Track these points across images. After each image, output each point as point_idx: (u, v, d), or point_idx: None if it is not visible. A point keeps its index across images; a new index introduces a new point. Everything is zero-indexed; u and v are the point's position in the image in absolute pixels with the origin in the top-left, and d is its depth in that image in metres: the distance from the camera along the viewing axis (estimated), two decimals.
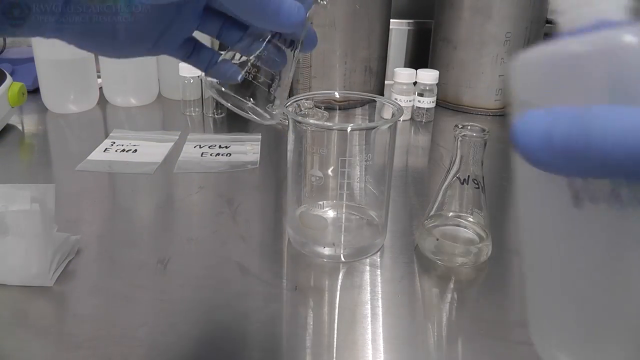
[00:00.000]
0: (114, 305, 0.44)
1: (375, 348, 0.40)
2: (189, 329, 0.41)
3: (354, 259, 0.50)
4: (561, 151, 0.19)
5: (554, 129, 0.19)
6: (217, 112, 0.90)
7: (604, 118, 0.18)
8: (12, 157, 0.75)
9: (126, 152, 0.74)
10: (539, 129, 0.20)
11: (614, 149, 0.18)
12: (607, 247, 0.22)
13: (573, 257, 0.24)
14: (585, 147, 0.19)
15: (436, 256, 0.50)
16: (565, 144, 0.19)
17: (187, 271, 0.49)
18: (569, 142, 0.19)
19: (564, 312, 0.25)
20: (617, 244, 0.22)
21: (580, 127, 0.19)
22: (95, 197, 0.64)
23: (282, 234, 0.55)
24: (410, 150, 0.81)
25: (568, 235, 0.23)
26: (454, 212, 0.51)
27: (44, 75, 0.88)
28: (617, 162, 0.18)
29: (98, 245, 0.52)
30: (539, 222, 0.25)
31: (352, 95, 0.58)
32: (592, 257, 0.23)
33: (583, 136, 0.19)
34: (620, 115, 0.18)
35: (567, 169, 0.20)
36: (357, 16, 0.90)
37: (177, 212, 0.61)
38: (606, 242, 0.22)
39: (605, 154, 0.18)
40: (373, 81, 0.97)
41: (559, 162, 0.19)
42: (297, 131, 0.50)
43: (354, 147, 0.48)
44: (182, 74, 0.88)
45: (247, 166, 0.71)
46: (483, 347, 0.40)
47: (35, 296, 0.44)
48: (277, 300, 0.45)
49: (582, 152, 0.19)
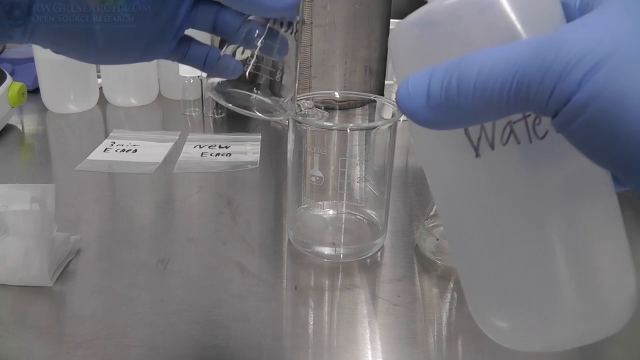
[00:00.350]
0: (114, 305, 0.44)
1: (375, 348, 0.40)
2: (189, 329, 0.41)
3: (354, 259, 0.50)
4: (441, 103, 0.20)
5: (430, 84, 0.20)
6: (217, 112, 0.90)
7: (475, 60, 0.19)
8: (12, 157, 0.75)
9: (126, 152, 0.74)
10: (418, 89, 0.20)
11: (487, 85, 0.18)
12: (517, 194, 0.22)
13: (486, 213, 0.23)
14: (461, 92, 0.19)
15: (436, 256, 0.50)
16: (442, 95, 0.19)
17: (187, 271, 0.49)
18: (446, 92, 0.19)
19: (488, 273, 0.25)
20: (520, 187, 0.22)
21: (453, 74, 0.19)
22: (95, 197, 0.64)
23: (282, 234, 0.55)
24: (410, 150, 0.81)
25: (474, 190, 0.23)
26: None
27: (44, 75, 0.88)
28: (494, 98, 0.18)
29: (98, 245, 0.52)
30: (447, 186, 0.25)
31: (352, 95, 0.58)
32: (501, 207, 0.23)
33: (457, 82, 0.19)
34: (490, 53, 0.19)
35: (452, 119, 0.20)
36: (357, 16, 0.90)
37: (177, 212, 0.61)
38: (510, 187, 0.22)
39: (481, 93, 0.18)
40: (373, 81, 0.97)
41: (442, 115, 0.20)
42: (297, 131, 0.50)
43: (354, 147, 0.48)
44: (182, 74, 0.88)
45: (247, 166, 0.71)
46: (483, 347, 0.40)
47: (35, 296, 0.44)
48: (277, 300, 0.45)
49: (459, 98, 0.19)
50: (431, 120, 0.20)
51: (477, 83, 0.18)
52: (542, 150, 0.21)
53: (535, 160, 0.21)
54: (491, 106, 0.19)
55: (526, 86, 0.18)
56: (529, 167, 0.22)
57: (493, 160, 0.22)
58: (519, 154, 0.21)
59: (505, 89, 0.18)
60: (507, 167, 0.22)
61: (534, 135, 0.21)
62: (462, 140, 0.22)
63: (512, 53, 0.18)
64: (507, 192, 0.23)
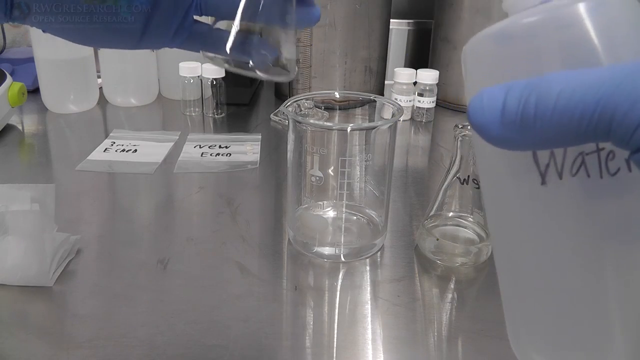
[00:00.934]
0: (114, 305, 0.44)
1: (375, 348, 0.40)
2: (189, 329, 0.41)
3: (354, 259, 0.50)
4: (516, 122, 0.19)
5: (507, 100, 0.19)
6: (217, 112, 0.90)
7: (556, 81, 0.18)
8: (12, 157, 0.75)
9: (126, 152, 0.74)
10: (493, 104, 0.19)
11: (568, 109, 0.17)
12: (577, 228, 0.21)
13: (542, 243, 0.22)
14: (538, 113, 0.18)
15: (436, 256, 0.50)
16: (518, 112, 0.18)
17: (187, 271, 0.49)
18: (523, 110, 0.18)
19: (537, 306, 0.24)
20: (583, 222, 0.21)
21: (532, 93, 0.18)
22: (95, 197, 0.64)
23: (282, 234, 0.55)
24: (410, 150, 0.81)
25: (534, 218, 0.23)
26: (454, 212, 0.51)
27: (44, 75, 0.88)
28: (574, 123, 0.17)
29: (98, 245, 0.52)
30: (505, 209, 0.24)
31: (352, 95, 0.58)
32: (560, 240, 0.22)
33: (535, 102, 0.18)
34: (571, 76, 0.18)
35: (525, 140, 0.19)
36: (357, 16, 0.90)
37: (177, 212, 0.61)
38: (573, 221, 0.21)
39: (560, 116, 0.18)
40: (373, 81, 0.97)
41: (515, 134, 0.19)
42: (297, 131, 0.50)
43: (354, 147, 0.48)
44: (182, 74, 0.88)
45: (247, 166, 0.71)
46: (483, 347, 0.40)
47: (35, 296, 0.44)
48: (277, 300, 0.45)
49: (536, 118, 0.18)
50: (502, 139, 0.19)
51: (557, 105, 0.18)
52: (611, 188, 0.20)
53: (602, 196, 0.20)
54: (568, 132, 0.18)
55: (610, 114, 0.17)
56: (595, 202, 0.21)
57: (559, 190, 0.21)
58: (587, 187, 0.20)
59: (587, 115, 0.17)
60: (573, 200, 0.21)
61: (605, 171, 0.20)
62: (529, 165, 0.21)
63: (596, 77, 0.17)
64: (569, 225, 0.22)
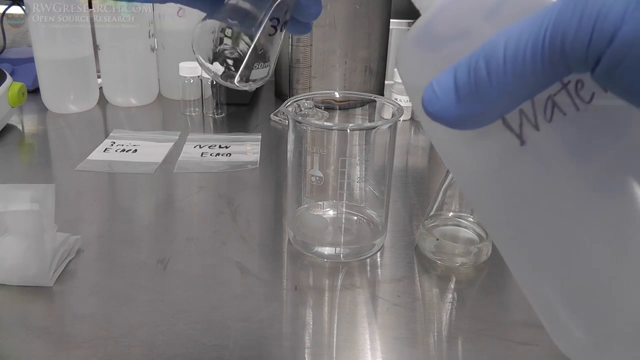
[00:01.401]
0: (114, 305, 0.44)
1: (375, 348, 0.40)
2: (189, 329, 0.41)
3: (354, 259, 0.50)
4: (472, 91, 0.18)
5: (457, 76, 0.18)
6: (217, 112, 0.90)
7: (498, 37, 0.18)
8: (12, 157, 0.75)
9: (126, 152, 0.74)
10: (445, 85, 0.19)
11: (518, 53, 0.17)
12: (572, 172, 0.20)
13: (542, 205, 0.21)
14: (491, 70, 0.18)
15: (436, 256, 0.50)
16: (472, 80, 0.18)
17: (187, 271, 0.49)
18: (475, 75, 0.18)
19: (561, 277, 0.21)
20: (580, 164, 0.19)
21: (479, 58, 0.18)
22: (95, 197, 0.64)
23: (282, 234, 0.55)
24: (410, 150, 0.81)
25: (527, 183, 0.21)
26: (454, 212, 0.51)
27: (44, 75, 0.88)
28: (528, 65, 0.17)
29: (98, 245, 0.52)
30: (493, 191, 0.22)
31: (352, 95, 0.58)
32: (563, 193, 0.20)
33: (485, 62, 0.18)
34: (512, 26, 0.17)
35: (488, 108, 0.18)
36: (357, 16, 0.90)
37: (177, 212, 0.61)
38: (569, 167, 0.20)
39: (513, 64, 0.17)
40: (373, 81, 0.97)
41: (476, 105, 0.18)
42: (297, 131, 0.50)
43: (354, 147, 0.48)
44: (182, 74, 0.88)
45: (247, 166, 0.71)
46: (483, 347, 0.40)
47: (35, 296, 0.44)
48: (277, 300, 0.45)
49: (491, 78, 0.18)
50: (465, 116, 0.18)
51: (506, 55, 0.17)
52: (593, 115, 0.19)
53: (589, 128, 0.19)
54: (526, 75, 0.17)
55: (561, 37, 0.16)
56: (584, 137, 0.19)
57: (541, 141, 0.20)
58: (568, 126, 0.19)
59: (538, 48, 0.17)
60: (560, 145, 0.19)
61: (580, 101, 0.19)
62: (501, 133, 0.20)
63: (536, 16, 0.17)
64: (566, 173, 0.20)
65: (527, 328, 0.42)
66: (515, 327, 0.42)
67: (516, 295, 0.47)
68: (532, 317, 0.43)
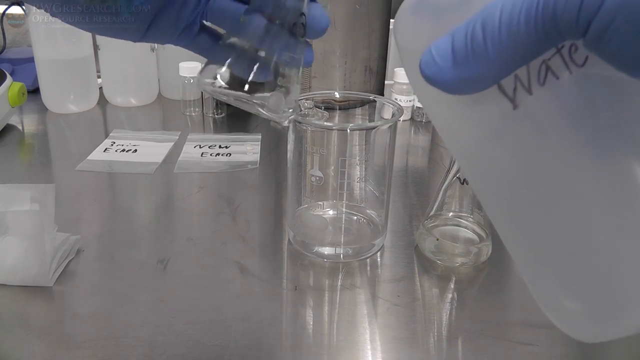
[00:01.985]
0: (114, 305, 0.44)
1: (375, 348, 0.40)
2: (189, 329, 0.41)
3: (354, 259, 0.50)
4: (469, 55, 0.18)
5: (454, 40, 0.19)
6: (217, 112, 0.90)
7: (494, 3, 0.18)
8: (12, 157, 0.75)
9: (126, 152, 0.74)
10: (443, 49, 0.19)
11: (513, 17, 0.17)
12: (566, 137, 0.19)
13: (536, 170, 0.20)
14: (487, 34, 0.18)
15: (436, 256, 0.50)
16: (468, 44, 0.18)
17: (187, 271, 0.49)
18: (472, 39, 0.18)
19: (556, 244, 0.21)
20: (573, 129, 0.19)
21: (476, 23, 0.18)
22: (95, 197, 0.64)
23: (282, 234, 0.55)
24: (410, 150, 0.81)
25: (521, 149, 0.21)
26: (454, 212, 0.51)
27: (44, 75, 0.88)
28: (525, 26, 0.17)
29: (98, 245, 0.52)
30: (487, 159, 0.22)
31: (352, 95, 0.58)
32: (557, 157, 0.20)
33: (481, 26, 0.18)
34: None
35: (484, 71, 0.19)
36: (357, 16, 0.90)
37: (177, 212, 0.61)
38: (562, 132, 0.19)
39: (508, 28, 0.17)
40: (373, 81, 0.97)
41: (472, 69, 0.19)
42: (297, 131, 0.50)
43: (354, 147, 0.48)
44: (182, 74, 0.88)
45: (247, 166, 0.71)
46: (483, 347, 0.40)
47: (35, 296, 0.44)
48: (277, 300, 0.45)
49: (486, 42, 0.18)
50: (461, 80, 0.19)
51: (502, 18, 0.17)
52: (586, 79, 0.19)
53: (582, 91, 0.19)
54: (520, 40, 0.17)
55: (553, 3, 0.17)
56: (576, 101, 0.19)
57: (534, 105, 0.19)
58: (561, 89, 0.19)
59: (532, 14, 0.17)
60: (552, 109, 0.19)
61: (573, 65, 0.19)
62: (496, 99, 0.20)
63: None
64: (559, 137, 0.19)
65: (527, 328, 0.42)
66: (515, 327, 0.42)
67: (516, 295, 0.47)
68: (532, 317, 0.44)
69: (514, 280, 0.49)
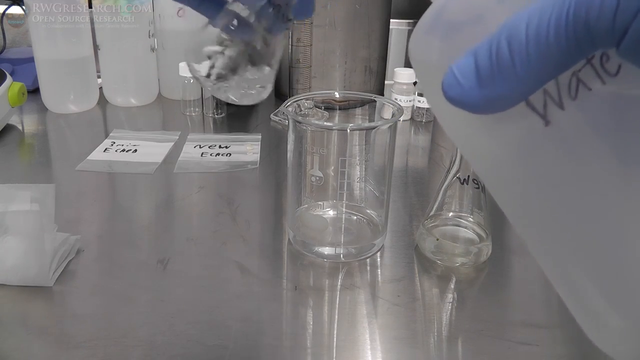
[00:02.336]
0: (114, 305, 0.44)
1: (375, 348, 0.40)
2: (189, 329, 0.41)
3: (354, 259, 0.50)
4: (494, 72, 0.18)
5: (477, 59, 0.18)
6: (217, 112, 0.90)
7: (518, 16, 0.17)
8: (12, 157, 0.75)
9: (126, 152, 0.74)
10: (465, 69, 0.18)
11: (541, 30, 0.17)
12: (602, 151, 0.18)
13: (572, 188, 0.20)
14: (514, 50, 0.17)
15: (436, 256, 0.50)
16: (494, 61, 0.18)
17: (187, 271, 0.49)
18: (497, 56, 0.18)
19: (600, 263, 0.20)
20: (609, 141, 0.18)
21: (500, 38, 0.18)
22: (95, 197, 0.64)
23: (282, 234, 0.55)
24: (410, 150, 0.81)
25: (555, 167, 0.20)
26: (454, 212, 0.51)
27: (44, 75, 0.88)
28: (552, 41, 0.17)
29: (98, 245, 0.52)
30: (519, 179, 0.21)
31: (352, 95, 0.58)
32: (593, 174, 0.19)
33: (507, 42, 0.17)
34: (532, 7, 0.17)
35: (512, 88, 0.18)
36: (357, 16, 0.90)
37: (177, 212, 0.61)
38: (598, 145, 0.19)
39: (536, 41, 0.17)
40: (373, 81, 0.97)
41: (499, 87, 0.18)
42: (297, 131, 0.50)
43: (354, 147, 0.48)
44: (182, 74, 0.88)
45: (247, 166, 0.71)
46: (483, 347, 0.40)
47: (35, 296, 0.44)
48: (277, 300, 0.45)
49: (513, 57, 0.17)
50: (487, 99, 0.18)
51: (529, 33, 0.17)
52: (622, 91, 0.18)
53: (617, 102, 0.18)
54: (550, 53, 0.17)
55: (585, 10, 0.16)
56: (612, 113, 0.18)
57: (566, 120, 0.18)
58: (595, 101, 0.18)
59: (561, 25, 0.16)
60: (586, 122, 0.18)
61: (606, 75, 0.18)
62: (524, 115, 0.19)
63: None
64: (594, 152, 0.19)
65: (527, 328, 0.42)
66: (515, 327, 0.42)
67: (516, 295, 0.47)
68: (532, 317, 0.44)
69: (514, 280, 0.49)
